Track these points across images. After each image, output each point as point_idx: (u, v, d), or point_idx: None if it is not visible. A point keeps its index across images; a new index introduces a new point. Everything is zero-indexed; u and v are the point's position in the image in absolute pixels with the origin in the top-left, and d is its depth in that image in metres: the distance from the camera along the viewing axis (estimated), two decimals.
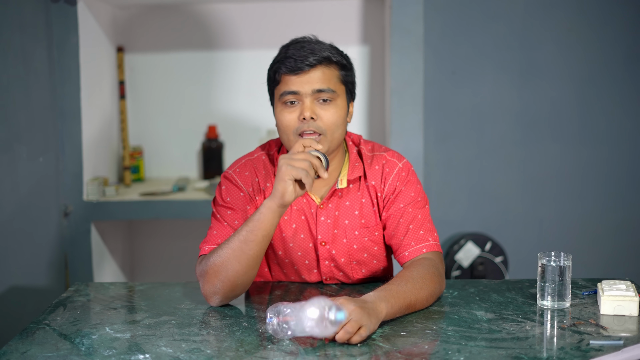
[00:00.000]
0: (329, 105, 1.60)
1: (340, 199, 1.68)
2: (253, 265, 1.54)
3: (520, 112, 2.86)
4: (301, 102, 1.59)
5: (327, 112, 1.59)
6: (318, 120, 1.59)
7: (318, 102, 1.59)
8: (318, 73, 1.59)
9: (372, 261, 1.72)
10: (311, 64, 1.58)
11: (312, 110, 1.58)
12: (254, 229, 1.51)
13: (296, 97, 1.59)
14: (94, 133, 2.82)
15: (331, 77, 1.61)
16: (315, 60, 1.58)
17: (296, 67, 1.58)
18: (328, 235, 1.68)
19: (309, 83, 1.58)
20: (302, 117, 1.58)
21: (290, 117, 1.60)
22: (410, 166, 1.72)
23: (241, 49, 3.08)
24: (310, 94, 1.58)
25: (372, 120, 3.08)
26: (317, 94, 1.59)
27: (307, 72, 1.58)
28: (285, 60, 1.59)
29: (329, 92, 1.59)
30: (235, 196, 1.66)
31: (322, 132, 1.59)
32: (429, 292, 1.54)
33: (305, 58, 1.58)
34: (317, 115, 1.58)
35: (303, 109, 1.58)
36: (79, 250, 2.72)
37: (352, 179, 1.68)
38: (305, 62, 1.58)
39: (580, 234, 2.89)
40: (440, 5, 2.80)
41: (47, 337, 1.43)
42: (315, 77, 1.59)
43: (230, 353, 1.34)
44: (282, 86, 1.61)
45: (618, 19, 2.80)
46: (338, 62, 1.62)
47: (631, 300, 1.49)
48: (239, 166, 1.70)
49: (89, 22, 2.76)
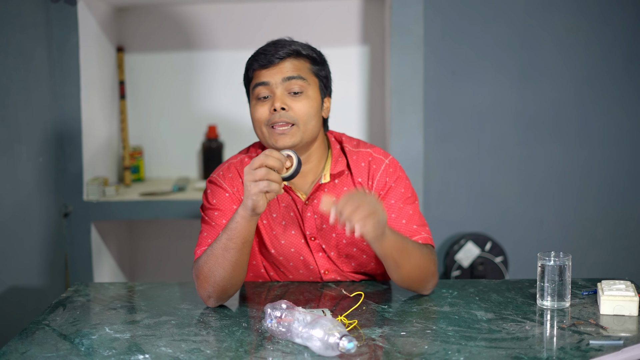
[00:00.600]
0: (300, 96, 1.64)
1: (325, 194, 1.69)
2: (238, 270, 1.56)
3: (520, 112, 2.86)
4: (272, 94, 1.63)
5: (299, 102, 1.63)
6: (290, 111, 1.62)
7: (289, 94, 1.63)
8: (287, 64, 1.64)
9: (361, 255, 1.73)
10: (280, 56, 1.64)
11: (282, 100, 1.62)
12: (232, 237, 1.52)
13: (268, 90, 1.63)
14: (94, 133, 2.82)
15: (301, 68, 1.66)
16: (284, 53, 1.64)
17: (266, 60, 1.64)
18: (316, 231, 1.70)
19: (279, 73, 1.63)
20: (272, 108, 1.62)
21: (262, 110, 1.64)
22: (397, 162, 1.73)
23: (241, 49, 3.07)
24: (280, 83, 1.63)
25: (372, 120, 3.08)
26: (287, 84, 1.63)
27: (276, 64, 1.64)
28: (257, 56, 1.67)
29: (299, 80, 1.63)
30: (221, 197, 1.68)
31: (294, 122, 1.62)
32: (423, 262, 1.59)
33: (275, 52, 1.64)
34: (288, 106, 1.62)
35: (274, 100, 1.62)
36: (78, 250, 2.72)
37: (335, 173, 1.70)
38: (275, 55, 1.64)
39: (580, 234, 2.89)
40: (440, 6, 2.80)
41: (47, 337, 1.43)
42: (285, 67, 1.64)
43: (230, 353, 1.34)
44: (254, 80, 1.66)
45: (618, 19, 2.80)
46: (308, 55, 1.68)
47: (631, 300, 1.49)
48: (222, 169, 1.73)
49: (89, 22, 2.76)
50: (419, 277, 1.60)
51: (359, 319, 1.50)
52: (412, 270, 1.58)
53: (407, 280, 1.60)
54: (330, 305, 1.60)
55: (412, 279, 1.60)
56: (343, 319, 1.47)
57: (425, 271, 1.59)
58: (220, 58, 3.08)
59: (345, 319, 1.48)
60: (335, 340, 1.28)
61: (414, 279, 1.60)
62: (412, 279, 1.59)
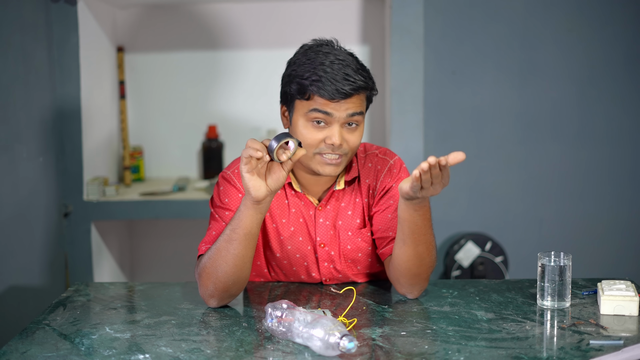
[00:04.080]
0: (356, 130, 1.58)
1: (337, 200, 1.69)
2: (240, 265, 1.53)
3: (520, 112, 2.86)
4: (329, 124, 1.56)
5: (353, 136, 1.58)
6: (344, 144, 1.57)
7: (345, 126, 1.57)
8: (354, 99, 1.56)
9: (366, 260, 1.72)
10: (348, 93, 1.53)
11: (341, 137, 1.56)
12: (235, 228, 1.50)
13: (326, 119, 1.55)
14: (94, 133, 2.82)
15: (362, 101, 1.59)
16: (352, 90, 1.54)
17: (332, 95, 1.53)
18: (326, 237, 1.69)
19: (344, 108, 1.55)
20: (330, 142, 1.55)
21: (316, 137, 1.56)
22: (402, 163, 1.73)
23: (241, 48, 3.08)
24: (343, 118, 1.55)
25: (372, 120, 3.08)
26: (349, 119, 1.56)
27: (343, 100, 1.54)
28: (320, 83, 1.53)
29: (358, 116, 1.57)
30: (233, 197, 1.66)
31: (344, 154, 1.58)
32: (432, 253, 1.57)
33: (342, 87, 1.52)
34: (345, 140, 1.57)
35: (332, 133, 1.55)
36: (78, 250, 2.72)
37: (349, 179, 1.69)
38: (342, 91, 1.52)
39: (580, 234, 2.89)
40: (440, 5, 2.80)
41: (47, 337, 1.43)
42: (351, 102, 1.55)
43: (230, 353, 1.34)
44: (312, 103, 1.55)
45: (618, 19, 2.80)
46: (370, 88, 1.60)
47: (631, 300, 1.49)
48: (237, 167, 1.69)
49: (89, 22, 2.76)
50: (430, 261, 1.57)
51: (359, 319, 1.50)
52: (429, 254, 1.55)
53: (404, 265, 1.56)
54: (330, 305, 1.60)
55: (409, 267, 1.56)
56: (343, 319, 1.47)
57: (423, 268, 1.57)
58: (220, 58, 3.08)
59: (345, 319, 1.47)
60: (336, 340, 1.28)
61: (430, 259, 1.56)
62: (408, 266, 1.56)
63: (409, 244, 1.53)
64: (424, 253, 1.55)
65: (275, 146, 1.43)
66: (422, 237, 1.53)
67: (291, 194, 1.69)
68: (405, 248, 1.54)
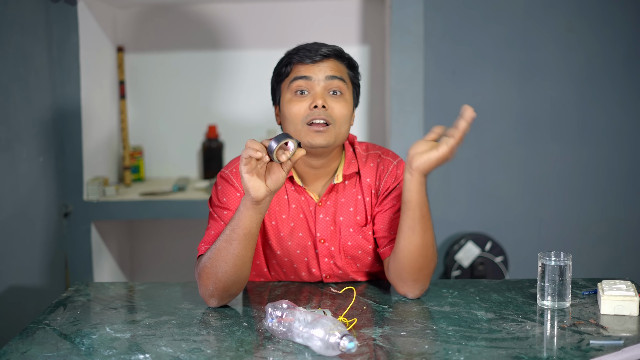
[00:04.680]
0: (340, 97, 1.62)
1: (337, 195, 1.69)
2: (240, 265, 1.53)
3: (520, 112, 2.86)
4: (312, 91, 1.61)
5: (338, 103, 1.62)
6: (329, 110, 1.60)
7: (329, 94, 1.62)
8: (330, 63, 1.63)
9: (366, 258, 1.72)
10: (324, 54, 1.62)
11: (323, 98, 1.60)
12: (235, 228, 1.51)
13: (307, 85, 1.61)
14: (94, 133, 2.82)
15: (342, 70, 1.65)
16: (328, 51, 1.63)
17: (310, 56, 1.62)
18: (327, 233, 1.69)
19: (322, 70, 1.62)
20: (313, 105, 1.59)
21: (300, 106, 1.61)
22: (405, 164, 1.72)
23: (241, 48, 3.08)
24: (323, 81, 1.61)
25: (372, 120, 3.08)
26: (329, 83, 1.61)
27: (319, 61, 1.62)
28: (299, 52, 1.64)
29: (340, 81, 1.62)
30: (231, 196, 1.66)
31: (331, 122, 1.60)
32: (430, 249, 1.57)
33: (319, 49, 1.62)
34: (328, 105, 1.60)
35: (315, 96, 1.60)
36: (78, 250, 2.72)
37: (347, 174, 1.69)
38: (319, 52, 1.62)
39: (580, 234, 2.89)
40: (440, 5, 2.80)
41: (47, 337, 1.43)
42: (328, 66, 1.63)
43: (230, 353, 1.34)
44: (292, 75, 1.63)
45: (618, 19, 2.80)
46: (348, 60, 1.67)
47: (631, 300, 1.49)
48: (235, 166, 1.69)
49: (89, 22, 2.76)
50: (431, 254, 1.57)
51: (360, 319, 1.50)
52: (431, 243, 1.55)
53: (410, 256, 1.55)
54: (330, 305, 1.60)
55: (415, 258, 1.55)
56: (343, 318, 1.47)
57: (427, 260, 1.56)
58: (220, 58, 3.08)
59: (346, 319, 1.48)
60: (336, 340, 1.28)
61: (430, 250, 1.56)
62: (414, 257, 1.55)
63: (418, 231, 1.53)
64: (429, 242, 1.56)
65: (275, 147, 1.43)
66: (428, 222, 1.55)
67: (291, 190, 1.69)
68: (414, 236, 1.54)
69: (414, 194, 1.51)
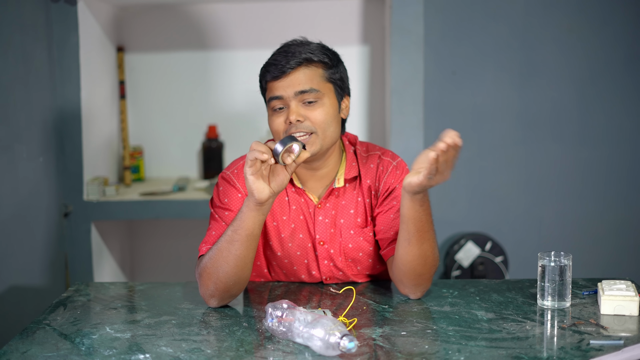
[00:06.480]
0: (315, 105, 1.61)
1: (337, 198, 1.69)
2: (242, 266, 1.53)
3: (520, 112, 2.86)
4: (287, 106, 1.61)
5: (314, 111, 1.60)
6: (306, 121, 1.59)
7: (304, 104, 1.61)
8: (299, 75, 1.61)
9: (367, 260, 1.72)
10: (291, 66, 1.60)
11: (297, 113, 1.59)
12: (237, 229, 1.51)
13: (282, 102, 1.61)
14: (94, 133, 2.82)
15: (313, 77, 1.62)
16: (295, 63, 1.60)
17: (277, 71, 1.61)
18: (326, 235, 1.69)
19: (291, 86, 1.60)
20: (288, 121, 1.59)
21: (279, 122, 1.62)
22: (405, 165, 1.73)
23: (242, 48, 3.08)
24: (293, 97, 1.60)
25: (372, 120, 3.08)
26: (301, 96, 1.60)
27: (288, 75, 1.60)
28: (269, 67, 1.64)
29: (312, 92, 1.60)
30: (232, 197, 1.66)
31: (313, 131, 1.60)
32: (431, 257, 1.56)
33: (287, 62, 1.60)
34: (304, 116, 1.59)
35: (289, 112, 1.60)
36: (78, 250, 2.72)
37: (348, 178, 1.69)
38: (286, 66, 1.60)
39: (580, 234, 2.89)
40: (440, 5, 2.80)
41: (47, 337, 1.43)
42: (297, 79, 1.60)
43: (230, 353, 1.34)
44: (268, 93, 1.64)
45: (618, 19, 2.80)
46: (320, 61, 1.63)
47: (631, 300, 1.49)
48: (237, 167, 1.70)
49: (89, 22, 2.76)
50: (432, 262, 1.56)
51: (360, 319, 1.50)
52: (433, 252, 1.55)
53: (408, 265, 1.55)
54: (330, 305, 1.60)
55: (413, 266, 1.55)
56: (343, 318, 1.47)
57: (427, 268, 1.57)
58: (220, 58, 3.08)
59: (346, 319, 1.48)
60: (336, 340, 1.29)
61: (433, 256, 1.56)
62: (413, 265, 1.55)
63: (414, 243, 1.53)
64: (428, 251, 1.55)
65: (281, 150, 1.44)
66: (426, 235, 1.53)
67: (291, 191, 1.69)
68: (410, 247, 1.54)
69: (406, 209, 1.51)
